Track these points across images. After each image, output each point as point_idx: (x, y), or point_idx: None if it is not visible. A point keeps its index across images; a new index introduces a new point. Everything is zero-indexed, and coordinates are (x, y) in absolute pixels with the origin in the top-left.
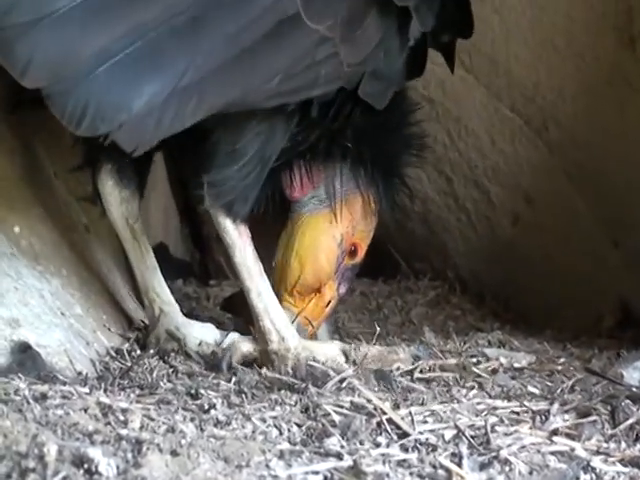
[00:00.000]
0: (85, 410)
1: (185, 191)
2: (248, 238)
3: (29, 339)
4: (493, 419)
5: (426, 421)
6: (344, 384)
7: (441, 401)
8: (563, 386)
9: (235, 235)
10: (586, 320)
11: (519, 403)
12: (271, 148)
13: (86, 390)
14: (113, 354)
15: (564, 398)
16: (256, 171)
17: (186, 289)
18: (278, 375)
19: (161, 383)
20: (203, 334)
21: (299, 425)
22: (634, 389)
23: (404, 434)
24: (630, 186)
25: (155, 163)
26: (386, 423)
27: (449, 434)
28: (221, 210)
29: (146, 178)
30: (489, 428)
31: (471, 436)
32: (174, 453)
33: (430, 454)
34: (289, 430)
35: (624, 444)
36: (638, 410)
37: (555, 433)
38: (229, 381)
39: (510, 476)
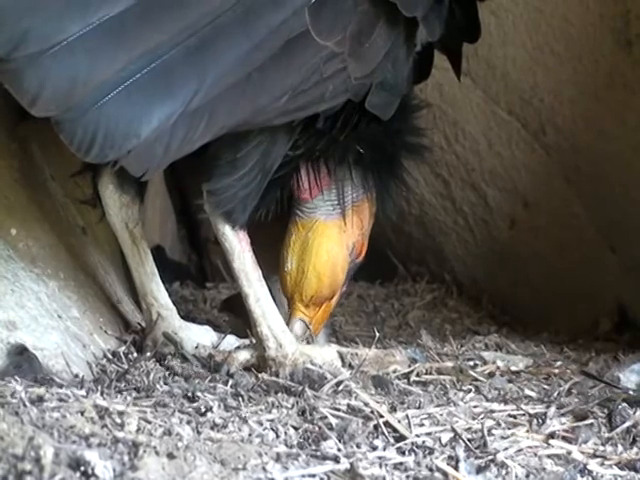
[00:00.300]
0: (82, 413)
1: (182, 193)
2: (247, 244)
3: (26, 342)
4: (490, 422)
5: (423, 424)
6: (341, 387)
7: (438, 404)
8: (560, 389)
9: (234, 241)
10: (583, 323)
11: (516, 406)
12: (272, 157)
13: (83, 393)
14: (110, 357)
15: (561, 401)
16: (257, 180)
17: (183, 291)
18: (275, 378)
19: (158, 386)
20: (200, 337)
21: (296, 428)
22: (631, 392)
23: (401, 437)
24: (628, 190)
25: None
26: (383, 426)
27: (446, 437)
28: (220, 217)
29: (146, 183)
30: (486, 431)
31: (468, 439)
32: (171, 456)
33: (427, 457)
34: (286, 433)
35: (621, 447)
36: (635, 413)
37: (552, 436)
38: (226, 384)
39: (507, 479)
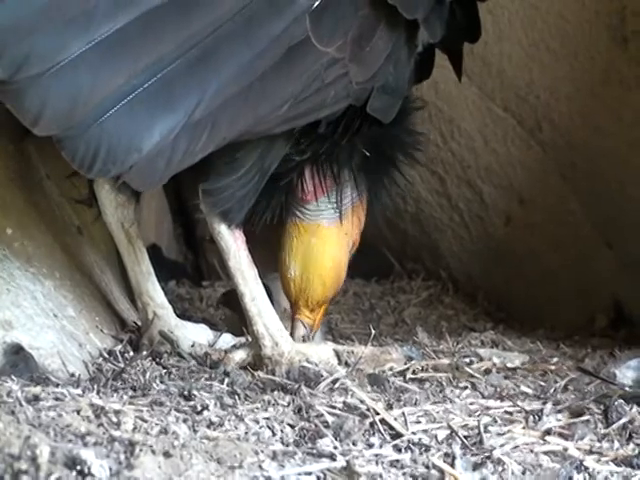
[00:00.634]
0: (78, 412)
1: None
2: (243, 242)
3: (22, 341)
4: (486, 419)
5: (419, 421)
6: (337, 385)
7: (434, 401)
8: (556, 386)
9: (230, 240)
10: (579, 320)
11: (512, 403)
12: (270, 158)
13: (79, 392)
14: (106, 355)
15: (557, 398)
16: (254, 180)
17: (179, 290)
18: (271, 376)
19: (154, 384)
20: (196, 335)
21: (292, 426)
22: (627, 388)
23: (397, 434)
24: (624, 186)
25: None
26: (379, 423)
27: (442, 434)
28: (217, 216)
29: None
30: (482, 428)
31: (464, 436)
32: (167, 454)
33: (423, 454)
34: (282, 431)
35: (617, 443)
36: (631, 409)
37: (548, 433)
38: (222, 382)
39: (503, 476)
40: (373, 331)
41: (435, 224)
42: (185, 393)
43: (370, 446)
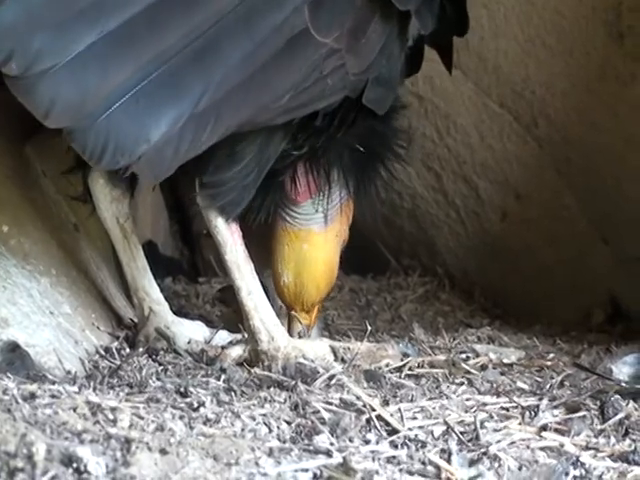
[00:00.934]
0: (74, 409)
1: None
2: (239, 237)
3: (18, 338)
4: (482, 415)
5: (415, 417)
6: (333, 381)
7: (430, 397)
8: (552, 381)
9: (227, 233)
10: (575, 315)
11: (508, 399)
12: (269, 152)
13: (75, 389)
14: (102, 353)
15: (553, 394)
16: (253, 174)
17: (175, 287)
18: (267, 373)
19: (150, 381)
20: (192, 332)
21: (288, 422)
22: (623, 384)
23: (393, 431)
24: (620, 182)
25: None
26: (375, 420)
27: (438, 430)
28: (215, 210)
29: (137, 178)
30: (478, 424)
31: (460, 432)
32: (163, 451)
33: (419, 450)
34: (278, 427)
35: (613, 439)
36: (627, 405)
37: (544, 429)
38: (218, 379)
39: (499, 472)
40: (369, 327)
41: (431, 220)
42: (181, 390)
43: (366, 442)
